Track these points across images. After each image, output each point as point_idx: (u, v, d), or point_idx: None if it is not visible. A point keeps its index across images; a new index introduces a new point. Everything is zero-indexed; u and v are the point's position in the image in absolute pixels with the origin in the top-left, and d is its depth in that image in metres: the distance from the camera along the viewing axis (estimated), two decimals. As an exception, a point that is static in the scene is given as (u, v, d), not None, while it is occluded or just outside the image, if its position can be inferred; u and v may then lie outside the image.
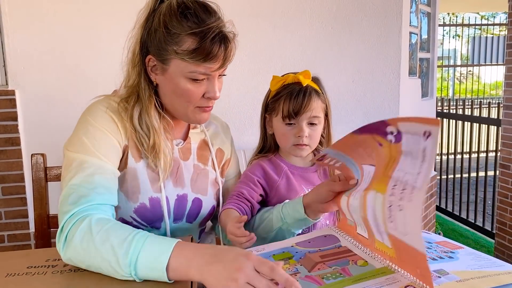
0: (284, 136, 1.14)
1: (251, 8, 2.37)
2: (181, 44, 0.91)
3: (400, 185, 0.69)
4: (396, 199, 0.69)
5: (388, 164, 0.72)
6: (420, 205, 0.65)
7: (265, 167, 1.17)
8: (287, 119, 1.12)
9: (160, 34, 0.92)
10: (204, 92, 0.97)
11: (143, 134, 0.98)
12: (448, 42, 11.30)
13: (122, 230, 0.80)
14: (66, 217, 0.84)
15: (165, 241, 0.77)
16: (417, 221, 0.66)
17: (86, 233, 0.80)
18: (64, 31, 2.17)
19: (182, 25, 0.90)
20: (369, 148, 0.77)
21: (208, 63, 0.92)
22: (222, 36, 0.92)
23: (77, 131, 0.96)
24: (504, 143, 3.21)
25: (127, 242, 0.76)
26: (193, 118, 1.01)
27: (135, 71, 0.99)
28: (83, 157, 0.92)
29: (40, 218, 1.26)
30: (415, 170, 0.65)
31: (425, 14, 3.33)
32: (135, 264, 0.74)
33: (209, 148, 1.13)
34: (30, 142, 2.20)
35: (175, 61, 0.93)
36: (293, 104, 1.10)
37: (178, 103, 0.99)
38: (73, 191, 0.88)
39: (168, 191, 1.03)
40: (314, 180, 1.18)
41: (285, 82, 1.15)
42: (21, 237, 2.26)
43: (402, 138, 0.66)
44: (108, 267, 0.76)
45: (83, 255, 0.79)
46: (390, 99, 2.64)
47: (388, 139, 0.69)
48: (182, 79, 0.94)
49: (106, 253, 0.76)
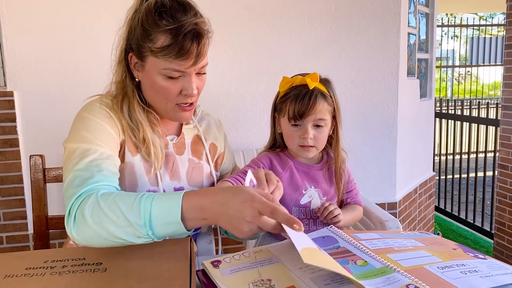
0: (290, 136, 1.18)
1: (250, 9, 2.37)
2: (155, 42, 0.93)
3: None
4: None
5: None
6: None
7: (272, 158, 1.22)
8: (292, 121, 1.16)
9: (138, 32, 0.95)
10: (181, 89, 0.99)
11: (134, 127, 1.01)
12: (447, 42, 11.32)
13: (127, 196, 0.81)
14: (73, 199, 0.85)
15: (171, 195, 0.79)
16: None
17: (94, 207, 0.80)
18: (63, 32, 2.16)
19: (157, 23, 0.93)
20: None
21: (180, 60, 0.93)
22: (195, 32, 0.93)
23: (75, 126, 0.98)
24: (502, 144, 3.22)
25: (135, 205, 0.78)
26: (173, 116, 1.04)
27: (121, 68, 1.03)
28: (85, 145, 0.94)
29: (39, 220, 1.26)
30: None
31: (423, 14, 3.33)
32: (149, 223, 0.76)
33: (203, 142, 1.16)
34: (29, 143, 2.20)
35: (150, 58, 0.96)
36: (298, 106, 1.13)
37: (157, 99, 1.02)
38: (78, 175, 0.89)
39: (165, 184, 1.06)
40: (318, 177, 1.21)
41: (293, 84, 1.17)
42: (20, 239, 2.26)
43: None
44: (124, 233, 0.78)
45: (97, 229, 0.79)
46: (388, 99, 2.64)
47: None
48: (158, 76, 0.97)
49: (118, 220, 0.78)
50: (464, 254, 0.88)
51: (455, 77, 13.01)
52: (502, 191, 3.26)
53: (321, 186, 1.20)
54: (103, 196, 0.82)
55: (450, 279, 0.75)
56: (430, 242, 0.93)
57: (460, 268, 0.80)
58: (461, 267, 0.80)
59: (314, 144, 1.16)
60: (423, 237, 0.97)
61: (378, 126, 2.65)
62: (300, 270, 0.79)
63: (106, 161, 0.93)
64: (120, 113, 1.01)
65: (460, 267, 0.80)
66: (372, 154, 2.65)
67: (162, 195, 0.80)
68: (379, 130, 2.65)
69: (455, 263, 0.82)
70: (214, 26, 1.01)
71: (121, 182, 1.01)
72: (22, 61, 2.15)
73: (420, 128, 3.24)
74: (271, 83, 2.43)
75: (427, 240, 0.95)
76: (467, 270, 0.79)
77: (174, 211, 0.76)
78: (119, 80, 1.04)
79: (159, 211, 0.77)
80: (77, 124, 0.98)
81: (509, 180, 3.18)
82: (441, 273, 0.77)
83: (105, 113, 1.00)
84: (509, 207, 3.20)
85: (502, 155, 3.24)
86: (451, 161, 4.28)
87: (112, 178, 0.92)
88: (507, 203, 3.21)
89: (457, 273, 0.78)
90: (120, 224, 0.77)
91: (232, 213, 0.73)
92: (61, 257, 0.89)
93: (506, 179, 3.21)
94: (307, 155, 1.19)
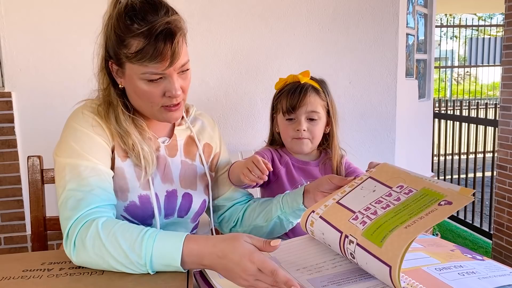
0: (285, 130, 1.24)
1: (248, 9, 2.37)
2: (129, 47, 0.91)
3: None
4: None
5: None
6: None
7: (272, 153, 1.28)
8: (286, 114, 1.22)
9: (113, 39, 0.94)
10: (164, 92, 0.96)
11: (123, 134, 0.99)
12: (446, 43, 11.33)
13: (129, 232, 0.83)
14: (69, 224, 0.86)
15: (173, 238, 0.81)
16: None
17: (95, 239, 0.82)
18: (61, 33, 2.16)
19: (128, 28, 0.90)
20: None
21: (155, 63, 0.90)
22: (167, 32, 0.89)
23: (64, 137, 0.98)
24: (501, 144, 3.22)
25: (137, 245, 0.80)
26: (161, 117, 1.02)
27: (102, 75, 1.02)
28: (75, 161, 0.93)
29: (37, 221, 1.26)
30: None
31: (422, 15, 3.33)
32: (150, 263, 0.79)
33: (196, 143, 1.14)
34: (27, 144, 2.19)
35: (127, 64, 0.94)
36: (291, 99, 1.20)
37: (142, 104, 1.00)
38: (71, 196, 0.89)
39: (157, 187, 1.04)
40: (314, 173, 1.25)
41: (287, 82, 1.26)
42: (18, 240, 2.25)
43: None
44: (124, 267, 0.81)
45: (97, 260, 0.82)
46: (387, 100, 2.64)
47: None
48: (139, 81, 0.94)
49: (120, 257, 0.80)
50: (462, 256, 0.88)
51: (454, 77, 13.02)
52: (500, 192, 3.26)
53: None
54: (104, 228, 0.83)
55: (448, 281, 0.75)
56: (428, 244, 0.93)
57: (457, 270, 0.80)
58: (458, 269, 0.80)
59: (308, 137, 1.21)
60: (421, 239, 0.97)
61: (377, 126, 2.65)
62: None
63: (96, 178, 0.92)
64: (107, 120, 0.99)
65: (457, 269, 0.80)
66: (370, 155, 2.64)
67: (164, 236, 0.82)
68: (377, 130, 2.66)
69: (452, 265, 0.82)
70: (212, 25, 0.99)
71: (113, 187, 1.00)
72: (20, 62, 2.14)
73: (419, 128, 3.25)
74: (269, 84, 2.42)
75: (425, 241, 0.95)
76: (464, 272, 0.79)
77: (174, 256, 0.79)
78: (103, 87, 1.03)
79: (160, 253, 0.80)
80: (67, 135, 0.97)
81: (508, 180, 3.18)
82: (438, 274, 0.77)
83: (92, 121, 0.98)
84: (507, 208, 3.20)
85: (500, 156, 3.24)
86: (449, 161, 4.29)
87: (104, 196, 0.92)
88: (506, 204, 3.21)
89: (455, 274, 0.78)
90: (121, 261, 0.80)
91: (231, 267, 0.75)
92: (58, 259, 0.89)
93: (505, 179, 3.21)
94: (302, 148, 1.22)
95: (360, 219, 0.80)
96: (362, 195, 0.87)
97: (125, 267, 0.81)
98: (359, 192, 0.88)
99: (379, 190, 0.85)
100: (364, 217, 0.79)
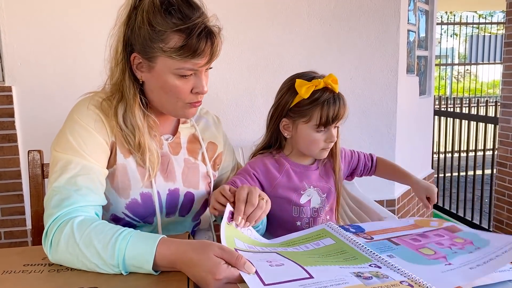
0: (314, 142, 1.14)
1: (249, 5, 2.36)
2: (167, 42, 0.90)
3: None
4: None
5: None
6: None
7: (266, 163, 1.19)
8: (322, 127, 1.12)
9: (145, 32, 0.91)
10: (192, 88, 0.96)
11: (129, 132, 0.98)
12: (446, 40, 11.30)
13: (103, 234, 0.81)
14: (49, 221, 0.86)
15: (146, 240, 0.80)
16: None
17: (69, 238, 0.82)
18: (61, 27, 2.15)
19: (167, 22, 0.89)
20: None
21: (196, 59, 0.92)
22: (208, 32, 0.91)
23: (64, 130, 0.97)
24: (501, 141, 3.22)
25: (110, 246, 0.79)
26: (182, 113, 1.01)
27: (119, 69, 0.98)
28: (68, 157, 0.92)
29: (37, 215, 1.25)
30: None
31: (423, 12, 3.33)
32: (123, 264, 0.79)
33: (200, 142, 1.14)
34: (27, 139, 2.19)
35: (161, 58, 0.92)
36: (332, 112, 1.10)
37: (166, 99, 0.98)
38: (56, 193, 0.89)
39: (159, 186, 1.04)
40: (315, 177, 1.21)
41: (317, 87, 1.12)
42: (18, 234, 2.25)
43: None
44: (97, 267, 0.80)
45: (71, 258, 0.81)
46: (388, 96, 2.64)
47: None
48: (170, 75, 0.94)
49: (93, 258, 0.79)
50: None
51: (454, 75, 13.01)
52: (500, 189, 3.26)
53: (320, 184, 1.21)
54: (79, 228, 0.83)
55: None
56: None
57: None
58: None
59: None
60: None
61: (377, 123, 2.65)
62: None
63: (86, 177, 0.91)
64: (112, 116, 0.97)
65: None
66: (370, 151, 2.62)
67: (137, 237, 0.81)
68: (378, 127, 2.65)
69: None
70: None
71: (114, 184, 0.99)
72: (20, 56, 2.14)
73: (419, 125, 3.24)
74: (270, 79, 2.42)
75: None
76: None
77: (147, 258, 0.77)
78: (116, 81, 1.00)
79: (133, 254, 0.78)
80: (66, 127, 0.96)
81: (508, 178, 3.19)
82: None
83: (94, 116, 0.96)
84: (507, 205, 3.20)
85: (500, 153, 3.24)
86: (449, 159, 4.29)
87: (90, 197, 0.91)
88: (505, 201, 3.21)
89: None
90: (94, 261, 0.79)
91: (200, 277, 0.74)
92: (59, 253, 0.88)
93: (505, 177, 3.21)
94: (325, 156, 1.19)
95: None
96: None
97: (98, 268, 0.80)
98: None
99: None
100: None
